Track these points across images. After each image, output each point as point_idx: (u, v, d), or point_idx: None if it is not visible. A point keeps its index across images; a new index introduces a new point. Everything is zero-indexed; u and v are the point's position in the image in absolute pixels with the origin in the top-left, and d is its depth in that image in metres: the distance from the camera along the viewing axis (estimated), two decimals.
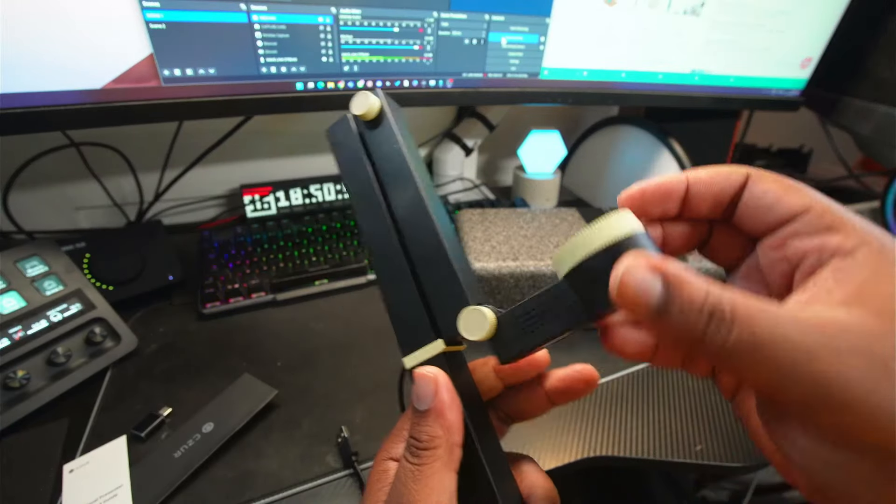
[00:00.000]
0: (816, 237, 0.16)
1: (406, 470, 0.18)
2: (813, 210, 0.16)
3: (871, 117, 0.68)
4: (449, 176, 0.83)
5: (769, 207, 0.17)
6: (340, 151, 0.24)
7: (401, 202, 0.23)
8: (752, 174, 0.18)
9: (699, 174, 0.18)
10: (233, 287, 0.54)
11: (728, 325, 0.13)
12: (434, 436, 0.19)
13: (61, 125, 0.46)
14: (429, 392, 0.19)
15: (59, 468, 0.36)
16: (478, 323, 0.20)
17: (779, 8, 0.62)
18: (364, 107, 0.23)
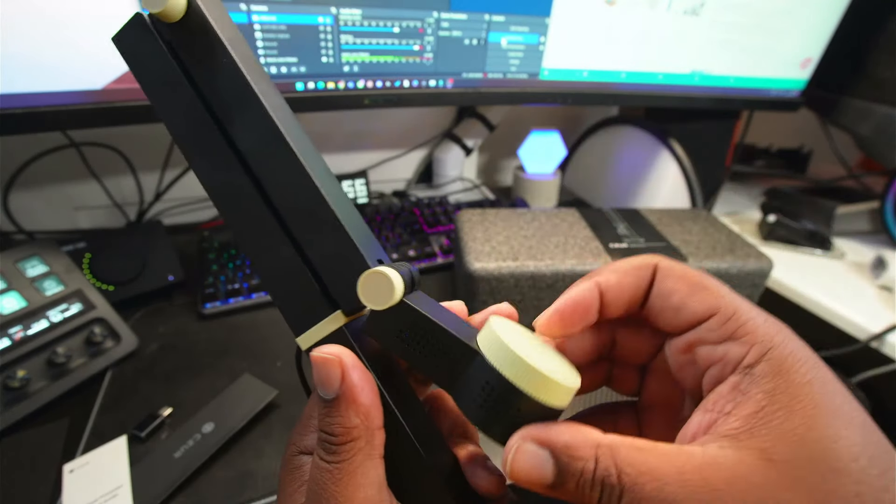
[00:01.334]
0: (721, 346, 0.16)
1: (321, 470, 0.16)
2: (717, 316, 0.16)
3: (871, 117, 0.68)
4: (449, 176, 0.83)
5: (676, 310, 0.17)
6: (140, 70, 0.17)
7: (247, 137, 0.17)
8: (659, 267, 0.17)
9: (609, 279, 0.18)
10: (233, 287, 0.54)
11: (617, 494, 0.13)
12: (349, 426, 0.16)
13: (61, 125, 0.46)
14: (334, 377, 0.16)
15: (59, 468, 0.36)
16: (383, 290, 0.16)
17: (779, 8, 0.62)
18: (160, 1, 0.15)
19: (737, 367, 0.15)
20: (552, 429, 0.15)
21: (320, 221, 0.17)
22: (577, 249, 0.49)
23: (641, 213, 0.58)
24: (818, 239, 0.69)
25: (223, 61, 0.17)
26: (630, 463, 0.14)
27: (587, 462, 0.14)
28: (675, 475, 0.13)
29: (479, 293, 0.48)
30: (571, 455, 0.14)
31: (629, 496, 0.13)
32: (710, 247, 0.51)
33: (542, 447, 0.14)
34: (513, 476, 0.15)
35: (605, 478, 0.14)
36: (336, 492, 0.16)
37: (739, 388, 0.15)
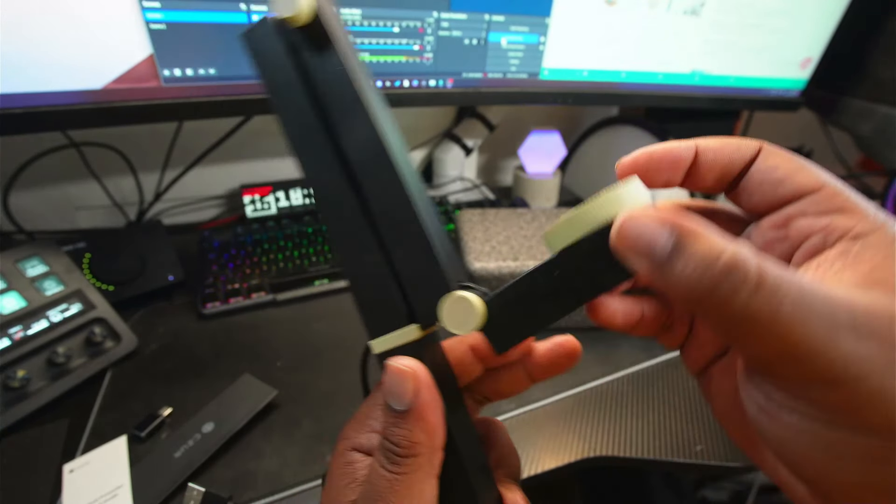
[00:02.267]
0: (825, 217, 0.15)
1: (382, 478, 0.16)
2: (825, 190, 0.15)
3: (871, 117, 0.68)
4: (449, 176, 0.83)
5: (778, 183, 0.16)
6: (264, 67, 0.18)
7: (352, 144, 0.18)
8: (764, 147, 0.17)
9: (709, 143, 0.17)
10: (233, 287, 0.54)
11: (751, 287, 0.12)
12: (415, 442, 0.16)
13: (61, 125, 0.46)
14: (407, 391, 0.16)
15: (59, 468, 0.36)
16: (464, 315, 0.17)
17: (779, 8, 0.62)
18: (291, 6, 0.16)
19: (844, 236, 0.14)
20: (677, 212, 0.13)
21: (411, 237, 0.17)
22: None
23: None
24: None
25: (338, 69, 0.17)
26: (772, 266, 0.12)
27: (714, 245, 0.12)
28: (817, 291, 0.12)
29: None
30: (696, 232, 0.13)
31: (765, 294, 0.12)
32: None
33: (661, 224, 0.13)
34: (619, 237, 0.13)
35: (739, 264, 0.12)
36: (393, 501, 0.16)
37: (849, 253, 0.14)
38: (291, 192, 0.71)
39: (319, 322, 0.53)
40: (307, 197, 0.72)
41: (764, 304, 0.12)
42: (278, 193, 0.70)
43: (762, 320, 0.12)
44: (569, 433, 0.42)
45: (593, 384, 0.47)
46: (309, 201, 0.72)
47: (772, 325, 0.12)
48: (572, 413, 0.44)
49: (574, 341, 0.20)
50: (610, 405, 0.45)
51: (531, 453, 0.40)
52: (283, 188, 0.70)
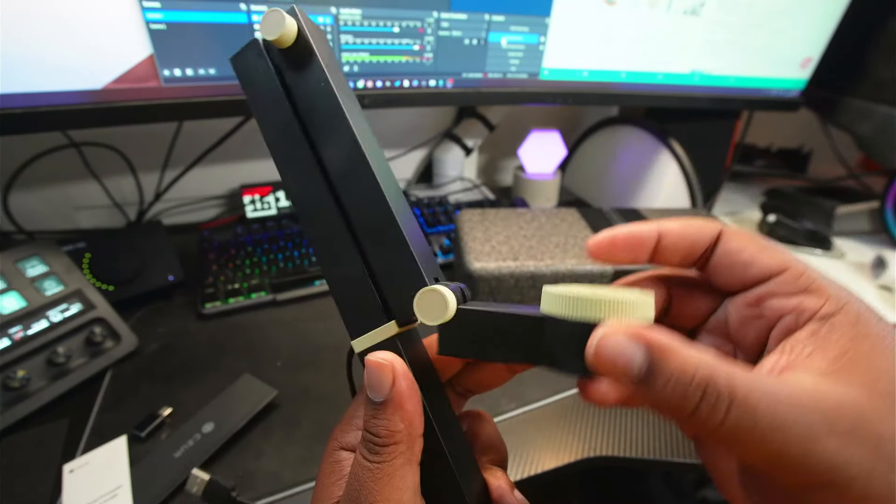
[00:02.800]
0: (794, 298, 0.16)
1: (363, 468, 0.17)
2: (790, 271, 0.16)
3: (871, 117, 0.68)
4: (449, 176, 0.83)
5: (745, 265, 0.17)
6: (251, 87, 0.20)
7: (334, 156, 0.19)
8: (724, 231, 0.18)
9: (671, 226, 0.18)
10: (233, 287, 0.54)
11: (725, 403, 0.13)
12: (394, 430, 0.17)
13: (61, 125, 0.46)
14: (385, 381, 0.17)
15: (59, 468, 0.36)
16: (437, 307, 0.17)
17: (779, 8, 0.62)
18: (277, 30, 0.18)
19: (813, 316, 0.15)
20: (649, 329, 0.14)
21: (389, 239, 0.18)
22: (577, 249, 0.49)
23: (641, 213, 0.58)
24: (818, 239, 0.69)
25: (321, 86, 0.19)
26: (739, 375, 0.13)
27: (686, 363, 0.13)
28: (787, 395, 0.13)
29: (479, 293, 0.49)
30: (668, 352, 0.13)
31: (739, 409, 0.12)
32: None
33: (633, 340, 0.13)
34: (595, 361, 0.14)
35: (710, 383, 0.13)
36: (374, 490, 0.16)
37: (819, 335, 0.15)
38: None
39: (319, 322, 0.53)
40: None
41: (740, 419, 0.13)
42: (278, 193, 0.70)
43: (741, 434, 0.13)
44: (569, 433, 0.42)
45: None
46: None
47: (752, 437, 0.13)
48: (572, 413, 0.44)
49: None
50: None
51: (531, 453, 0.40)
52: (283, 188, 0.70)
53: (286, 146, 0.19)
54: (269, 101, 0.19)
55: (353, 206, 0.19)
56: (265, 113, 0.20)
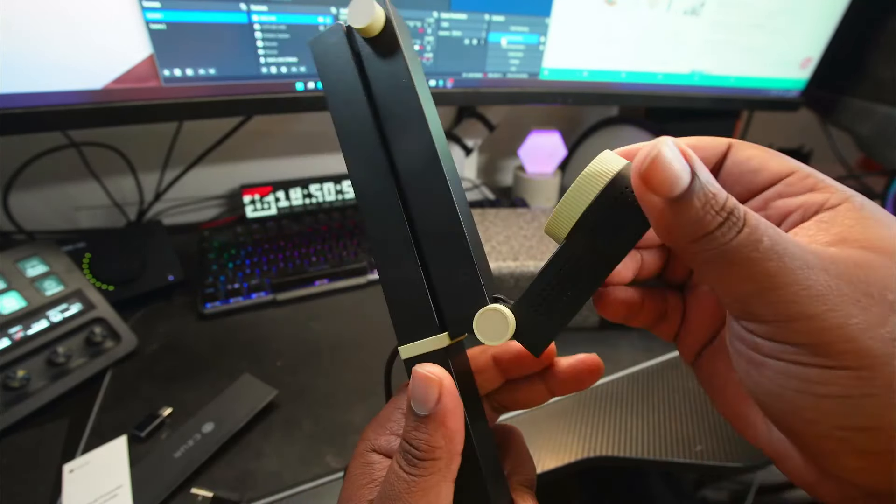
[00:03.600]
0: (800, 196, 0.16)
1: (400, 479, 0.17)
2: (797, 173, 0.17)
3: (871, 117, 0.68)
4: None
5: (754, 171, 0.17)
6: (328, 73, 0.19)
7: (406, 155, 0.18)
8: (733, 143, 0.18)
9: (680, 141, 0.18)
10: (233, 287, 0.54)
11: (737, 225, 0.13)
12: (435, 446, 0.17)
13: (61, 125, 0.46)
14: (431, 396, 0.17)
15: (59, 468, 0.36)
16: (498, 327, 0.17)
17: (779, 8, 0.62)
18: (366, 18, 0.17)
19: (819, 209, 0.16)
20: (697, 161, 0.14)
21: (453, 249, 0.18)
22: None
23: None
24: None
25: (402, 82, 0.18)
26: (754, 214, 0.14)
27: (720, 191, 0.14)
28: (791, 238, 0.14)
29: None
30: (710, 178, 0.14)
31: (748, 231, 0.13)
32: None
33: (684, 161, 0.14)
34: (643, 169, 0.14)
35: (733, 207, 0.14)
36: (409, 501, 0.16)
37: (825, 220, 0.15)
38: (291, 192, 0.71)
39: (319, 322, 0.53)
40: (307, 197, 0.72)
41: (746, 240, 0.13)
42: (278, 193, 0.70)
43: (744, 254, 0.13)
44: (569, 433, 0.42)
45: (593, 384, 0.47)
46: (309, 201, 0.72)
47: (752, 258, 0.13)
48: (572, 413, 0.44)
49: (595, 358, 0.21)
50: (610, 405, 0.45)
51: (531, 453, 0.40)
52: (283, 188, 0.70)
53: (357, 138, 0.19)
54: (346, 90, 0.19)
55: (420, 209, 0.18)
56: (340, 101, 0.19)
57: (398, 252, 0.18)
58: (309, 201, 0.72)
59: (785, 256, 0.13)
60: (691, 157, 0.14)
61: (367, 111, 0.18)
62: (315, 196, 0.72)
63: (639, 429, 0.42)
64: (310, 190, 0.72)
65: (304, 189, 0.71)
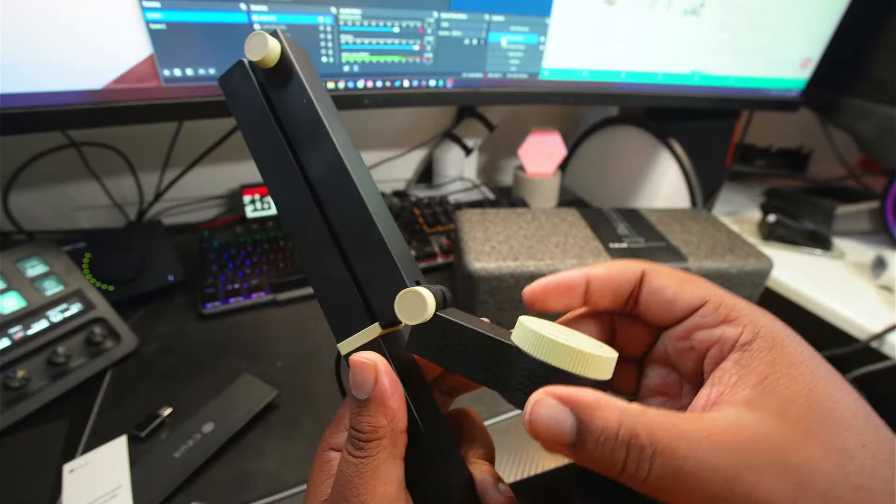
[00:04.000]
0: (717, 329, 0.17)
1: (348, 463, 0.18)
2: (709, 303, 0.18)
3: (871, 117, 0.68)
4: (449, 176, 0.83)
5: (669, 302, 0.19)
6: (237, 105, 0.21)
7: (316, 167, 0.20)
8: (647, 270, 0.19)
9: (597, 271, 0.20)
10: (233, 287, 0.54)
11: (648, 456, 0.13)
12: (377, 426, 0.18)
13: (61, 125, 0.46)
14: (368, 380, 0.18)
15: (59, 468, 0.36)
16: (416, 308, 0.18)
17: (779, 8, 0.62)
18: (261, 51, 0.19)
19: (735, 346, 0.17)
20: (575, 389, 0.15)
21: (370, 244, 0.19)
22: (577, 249, 0.49)
23: (641, 213, 0.58)
24: (818, 239, 0.69)
25: (303, 101, 0.20)
26: (659, 424, 0.14)
27: (609, 421, 0.14)
28: (706, 437, 0.14)
29: (479, 293, 0.48)
30: (593, 413, 0.14)
31: (662, 459, 0.13)
32: (710, 247, 0.51)
33: (563, 404, 0.14)
34: (532, 430, 0.15)
35: (633, 438, 0.14)
36: (359, 484, 0.17)
37: (741, 363, 0.16)
38: None
39: (319, 322, 0.53)
40: None
41: (665, 469, 0.13)
42: None
43: (668, 483, 0.13)
44: None
45: None
46: None
47: (678, 484, 0.13)
48: None
49: None
50: None
51: (531, 453, 0.40)
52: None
53: (271, 160, 0.20)
54: (255, 118, 0.20)
55: (336, 213, 0.20)
56: (251, 129, 0.21)
57: (322, 256, 0.20)
58: None
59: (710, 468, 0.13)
60: (575, 401, 0.14)
61: (275, 132, 0.20)
62: None
63: None
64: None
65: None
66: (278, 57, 0.20)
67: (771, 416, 0.14)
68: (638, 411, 0.14)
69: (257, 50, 0.19)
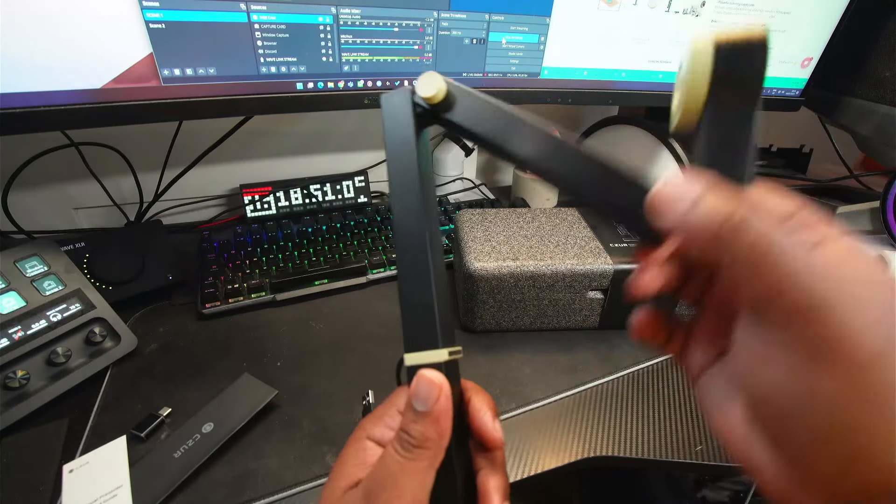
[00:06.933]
0: None
1: (394, 460, 0.20)
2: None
3: (871, 117, 0.68)
4: (449, 176, 0.83)
5: None
6: (392, 124, 0.23)
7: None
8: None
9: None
10: (233, 287, 0.54)
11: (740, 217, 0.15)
12: (428, 437, 0.20)
13: (61, 125, 0.46)
14: (432, 397, 0.20)
15: (59, 468, 0.36)
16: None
17: (779, 8, 0.62)
18: (431, 89, 0.22)
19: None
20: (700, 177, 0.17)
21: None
22: (577, 249, 0.49)
23: None
24: None
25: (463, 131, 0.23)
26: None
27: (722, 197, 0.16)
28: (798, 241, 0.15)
29: (478, 293, 0.48)
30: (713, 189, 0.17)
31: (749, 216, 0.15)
32: None
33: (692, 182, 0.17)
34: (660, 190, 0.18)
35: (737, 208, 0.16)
36: (401, 480, 0.20)
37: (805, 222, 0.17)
38: (291, 192, 0.71)
39: (319, 322, 0.53)
40: (307, 197, 0.72)
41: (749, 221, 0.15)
42: (278, 193, 0.70)
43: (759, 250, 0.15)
44: (569, 433, 0.42)
45: (593, 384, 0.47)
46: (308, 201, 0.72)
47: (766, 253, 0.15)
48: (572, 413, 0.44)
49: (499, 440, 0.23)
50: (610, 405, 0.45)
51: (531, 453, 0.40)
52: (283, 188, 0.70)
53: (403, 184, 0.23)
54: (401, 142, 0.23)
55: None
56: (395, 149, 0.23)
57: (419, 277, 0.22)
58: (309, 201, 0.72)
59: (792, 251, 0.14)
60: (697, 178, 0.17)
61: (414, 164, 0.23)
62: (315, 196, 0.72)
63: (639, 429, 0.42)
64: (310, 190, 0.72)
65: (304, 189, 0.71)
66: (443, 96, 0.22)
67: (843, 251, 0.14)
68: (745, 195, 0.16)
69: (428, 87, 0.22)
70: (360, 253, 0.61)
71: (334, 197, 0.73)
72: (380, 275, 0.60)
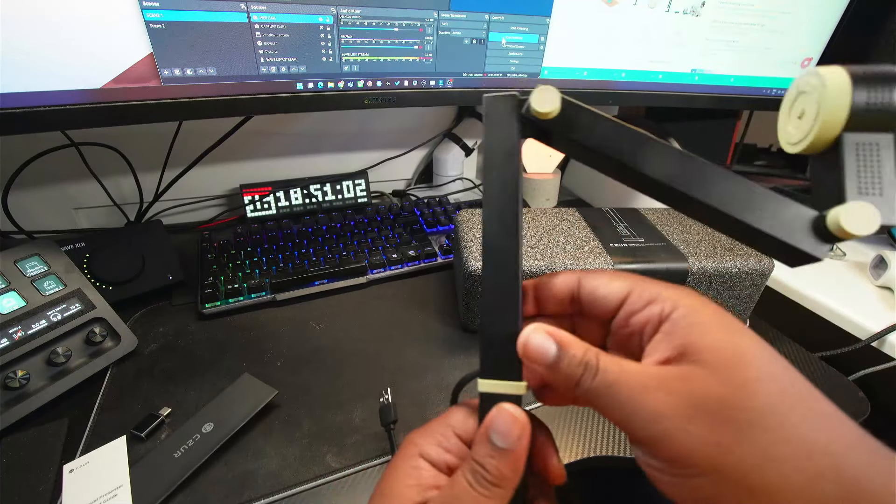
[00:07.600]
0: (645, 311, 0.20)
1: (468, 494, 0.19)
2: (634, 290, 0.21)
3: None
4: (449, 176, 0.83)
5: (602, 298, 0.22)
6: (492, 129, 0.22)
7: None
8: (581, 276, 0.23)
9: (540, 281, 0.24)
10: (233, 287, 0.54)
11: (593, 372, 0.19)
12: (505, 476, 0.20)
13: (61, 125, 0.46)
14: (514, 434, 0.20)
15: (59, 468, 0.36)
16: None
17: (779, 8, 0.62)
18: (548, 106, 0.20)
19: (661, 321, 0.20)
20: (557, 329, 0.20)
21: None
22: (577, 249, 0.49)
23: (641, 213, 0.58)
24: None
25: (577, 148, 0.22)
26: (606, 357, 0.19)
27: (578, 349, 0.20)
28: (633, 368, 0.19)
29: (479, 293, 0.48)
30: (569, 343, 0.20)
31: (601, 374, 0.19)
32: (711, 246, 0.51)
33: (550, 337, 0.20)
34: (525, 350, 0.20)
35: (588, 360, 0.19)
36: None
37: (666, 331, 0.19)
38: (291, 192, 0.71)
39: (319, 322, 0.53)
40: (307, 197, 0.72)
41: (601, 381, 0.19)
42: (278, 193, 0.70)
43: (601, 391, 0.19)
44: (569, 433, 0.42)
45: None
46: (309, 201, 0.72)
47: (607, 393, 0.18)
48: (572, 413, 0.44)
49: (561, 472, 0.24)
50: None
51: None
52: (283, 188, 0.70)
53: (500, 199, 0.21)
54: (503, 149, 0.21)
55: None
56: (494, 156, 0.22)
57: (504, 302, 0.21)
58: (309, 201, 0.72)
59: (627, 388, 0.18)
60: (557, 335, 0.20)
61: (515, 176, 0.21)
62: (315, 196, 0.72)
63: None
64: (310, 190, 0.72)
65: (304, 189, 0.71)
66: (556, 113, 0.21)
67: (687, 363, 0.18)
68: (595, 349, 0.20)
69: (544, 102, 0.20)
70: (360, 253, 0.61)
71: (334, 197, 0.73)
72: (380, 275, 0.60)
